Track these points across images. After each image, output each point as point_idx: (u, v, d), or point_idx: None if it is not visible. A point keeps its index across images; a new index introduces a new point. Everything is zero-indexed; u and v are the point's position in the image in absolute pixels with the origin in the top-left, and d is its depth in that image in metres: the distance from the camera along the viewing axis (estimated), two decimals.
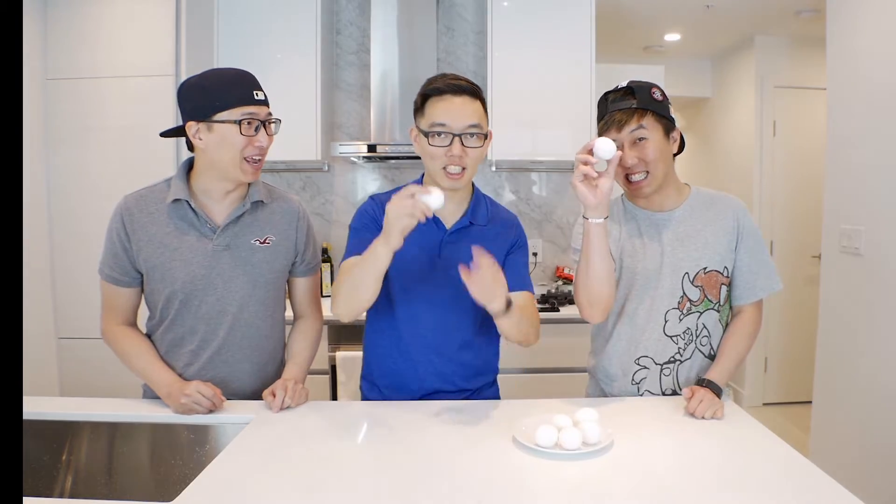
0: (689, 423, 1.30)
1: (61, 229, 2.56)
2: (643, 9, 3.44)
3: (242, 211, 1.39)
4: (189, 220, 1.37)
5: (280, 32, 2.84)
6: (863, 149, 2.38)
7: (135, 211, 1.36)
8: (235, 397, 1.44)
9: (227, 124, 1.28)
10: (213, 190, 1.38)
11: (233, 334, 1.42)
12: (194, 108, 1.30)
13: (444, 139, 1.32)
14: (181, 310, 1.39)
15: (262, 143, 1.32)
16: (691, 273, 1.45)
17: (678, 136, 1.47)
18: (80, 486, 1.33)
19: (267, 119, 1.33)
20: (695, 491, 1.01)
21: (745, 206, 1.51)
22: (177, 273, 1.36)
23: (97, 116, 2.53)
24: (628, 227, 1.51)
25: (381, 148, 2.80)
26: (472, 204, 1.46)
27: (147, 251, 1.36)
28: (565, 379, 2.60)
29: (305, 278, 1.55)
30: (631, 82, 1.43)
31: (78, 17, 2.52)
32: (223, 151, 1.30)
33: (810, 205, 3.82)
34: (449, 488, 1.02)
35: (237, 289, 1.40)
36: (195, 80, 1.32)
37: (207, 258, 1.37)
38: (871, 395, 2.29)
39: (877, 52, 2.29)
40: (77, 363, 2.54)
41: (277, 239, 1.45)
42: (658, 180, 1.43)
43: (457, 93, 1.34)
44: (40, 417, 1.33)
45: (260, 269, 1.42)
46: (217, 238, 1.37)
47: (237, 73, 1.34)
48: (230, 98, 1.28)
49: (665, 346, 1.47)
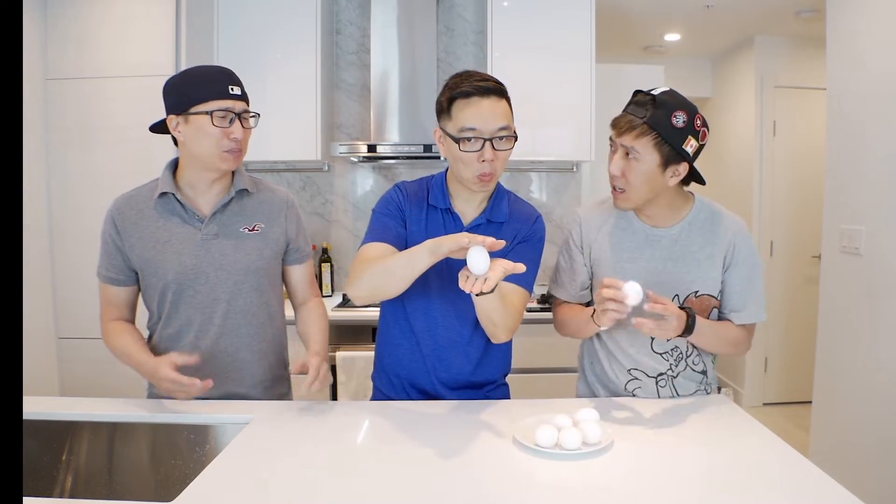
0: (689, 424, 1.30)
1: (61, 229, 2.56)
2: (643, 9, 3.44)
3: (228, 199, 1.43)
4: (177, 213, 1.41)
5: (280, 32, 2.84)
6: (863, 149, 2.38)
7: (125, 210, 1.41)
8: (241, 387, 1.46)
9: (201, 115, 1.33)
10: (198, 182, 1.42)
11: (228, 322, 1.44)
12: (174, 103, 1.36)
13: (474, 144, 1.30)
14: (175, 301, 1.41)
15: (236, 135, 1.35)
16: (681, 295, 1.40)
17: (683, 171, 1.33)
18: (80, 486, 1.33)
19: (243, 113, 1.37)
20: (695, 491, 1.01)
21: (747, 229, 1.43)
22: (169, 265, 1.39)
23: (97, 116, 2.53)
24: (622, 236, 1.44)
25: (380, 148, 2.80)
26: (491, 201, 1.44)
27: (139, 247, 1.39)
28: (565, 379, 2.59)
29: (300, 265, 1.58)
30: (663, 93, 1.30)
31: (78, 17, 2.52)
32: (200, 142, 1.35)
33: (810, 205, 3.82)
34: (449, 488, 1.02)
35: (228, 276, 1.42)
36: (177, 76, 1.38)
37: (197, 248, 1.40)
38: (871, 395, 2.29)
39: (877, 51, 2.30)
40: (77, 363, 2.54)
41: (266, 226, 1.47)
42: (633, 202, 1.37)
43: (484, 94, 1.30)
44: (40, 417, 1.33)
45: (250, 256, 1.45)
46: (205, 227, 1.41)
47: (215, 69, 1.39)
48: (205, 92, 1.33)
49: (655, 361, 1.44)
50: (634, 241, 1.44)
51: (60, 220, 2.56)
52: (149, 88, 2.52)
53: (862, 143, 2.38)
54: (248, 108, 1.39)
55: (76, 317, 2.55)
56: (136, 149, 2.51)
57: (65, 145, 2.54)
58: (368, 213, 1.63)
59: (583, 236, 1.49)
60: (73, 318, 2.55)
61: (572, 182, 3.29)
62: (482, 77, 1.32)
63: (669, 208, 1.41)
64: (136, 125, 2.51)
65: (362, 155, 2.83)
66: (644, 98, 1.31)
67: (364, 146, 2.79)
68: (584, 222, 1.50)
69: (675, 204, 1.42)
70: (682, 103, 1.29)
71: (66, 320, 2.56)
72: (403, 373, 1.48)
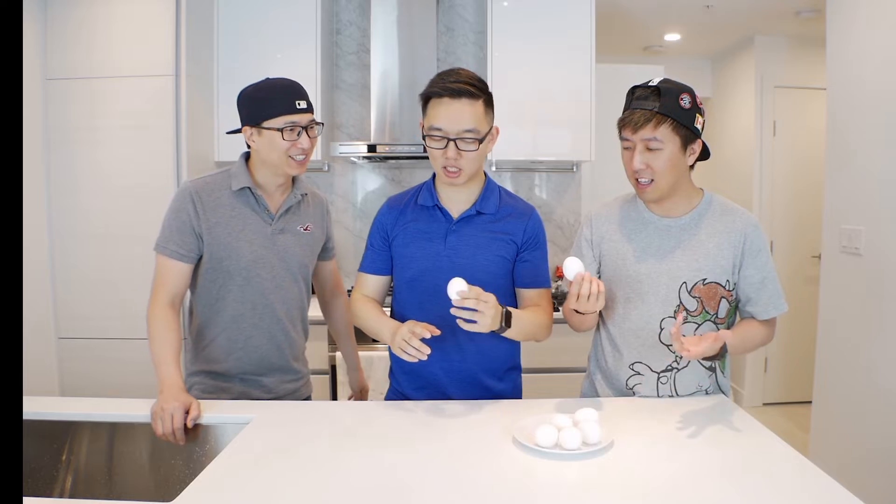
0: (688, 423, 1.30)
1: (61, 229, 2.56)
2: (643, 9, 3.44)
3: (293, 202, 1.60)
4: (251, 206, 1.55)
5: (280, 32, 2.84)
6: (863, 149, 2.38)
7: (203, 194, 1.52)
8: (273, 369, 1.60)
9: (273, 131, 1.46)
10: (267, 183, 1.57)
11: (284, 307, 1.60)
12: (247, 115, 1.49)
13: (439, 142, 1.39)
14: (244, 286, 1.54)
15: (303, 145, 1.50)
16: (689, 283, 1.42)
17: (698, 148, 1.40)
18: (80, 486, 1.33)
19: (309, 124, 1.51)
20: (694, 491, 1.01)
21: (758, 222, 1.45)
22: (242, 251, 1.53)
23: (97, 116, 2.52)
24: (632, 227, 1.48)
25: (380, 148, 2.80)
26: (481, 195, 1.50)
27: (216, 231, 1.51)
28: (565, 379, 2.60)
29: (331, 261, 1.80)
30: (662, 82, 1.36)
31: (77, 17, 2.52)
32: (271, 152, 1.49)
33: (810, 205, 3.82)
34: (449, 488, 1.02)
35: (287, 268, 1.59)
36: (250, 89, 1.51)
37: (266, 240, 1.56)
38: (871, 395, 2.29)
39: (876, 51, 2.30)
40: (77, 363, 2.54)
41: (314, 227, 1.66)
42: (662, 190, 1.40)
43: (455, 96, 1.37)
44: (40, 417, 1.33)
45: (304, 251, 1.63)
46: (274, 223, 1.57)
47: (285, 84, 1.50)
48: (275, 108, 1.46)
49: (662, 353, 1.45)
50: (644, 231, 1.47)
51: (60, 220, 2.56)
52: (149, 88, 2.54)
53: (862, 143, 2.38)
54: (314, 119, 1.53)
55: (76, 317, 2.55)
56: (137, 148, 2.52)
57: (64, 145, 2.54)
58: (369, 212, 1.66)
59: (593, 230, 1.54)
60: (73, 318, 2.55)
61: (572, 182, 3.29)
62: (458, 78, 1.39)
63: (683, 198, 1.46)
64: (136, 125, 2.52)
65: (362, 155, 2.83)
66: (645, 91, 1.36)
67: (364, 146, 2.79)
68: (594, 218, 1.55)
69: (688, 194, 1.47)
70: (683, 87, 1.37)
71: (66, 320, 2.56)
72: (406, 367, 1.49)
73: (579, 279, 1.30)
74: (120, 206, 2.52)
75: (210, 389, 1.55)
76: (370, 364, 2.53)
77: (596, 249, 1.53)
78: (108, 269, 2.53)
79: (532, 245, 1.50)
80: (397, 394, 1.58)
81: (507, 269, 1.49)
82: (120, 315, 2.48)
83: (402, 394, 1.56)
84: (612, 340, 1.51)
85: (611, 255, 1.49)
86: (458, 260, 1.46)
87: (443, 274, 1.42)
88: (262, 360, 1.58)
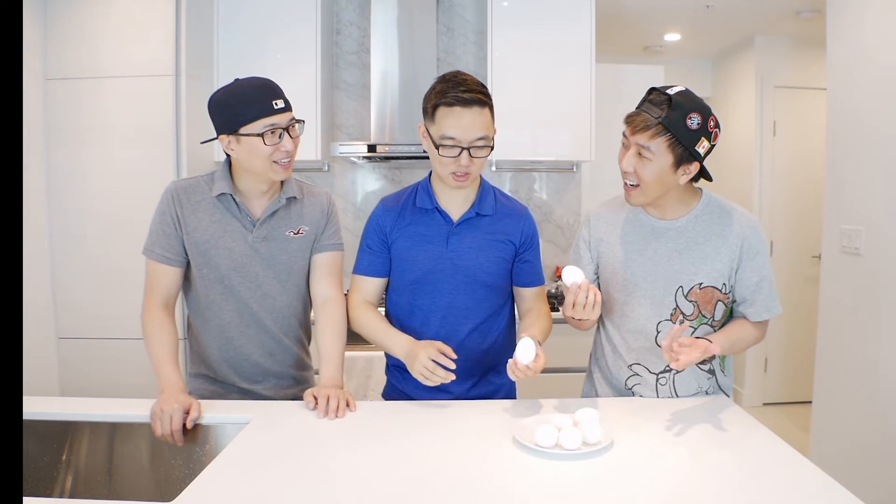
0: (688, 424, 1.30)
1: (61, 229, 2.56)
2: (643, 9, 3.44)
3: (278, 206, 1.50)
4: (232, 212, 1.48)
5: (280, 32, 2.84)
6: (863, 149, 2.38)
7: (183, 197, 1.47)
8: (269, 375, 1.55)
9: (252, 137, 1.37)
10: (251, 189, 1.48)
11: (272, 316, 1.52)
12: (222, 123, 1.39)
13: (452, 150, 1.38)
14: (226, 294, 1.49)
15: (287, 147, 1.41)
16: (686, 287, 1.41)
17: (694, 170, 1.35)
18: (80, 486, 1.33)
19: (290, 124, 1.41)
20: (694, 490, 1.01)
21: (757, 224, 1.42)
22: (221, 259, 1.47)
23: (97, 116, 2.52)
24: (629, 229, 1.47)
25: (381, 148, 2.80)
26: (478, 196, 1.51)
27: (195, 235, 1.46)
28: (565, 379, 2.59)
29: (323, 254, 1.56)
30: (679, 94, 1.30)
31: (78, 16, 2.52)
32: (253, 159, 1.40)
33: (810, 205, 3.82)
34: (449, 488, 1.02)
35: (274, 275, 1.51)
36: (220, 95, 1.40)
37: (248, 247, 1.48)
38: (871, 395, 2.29)
39: (877, 51, 2.29)
40: (77, 363, 2.54)
41: (310, 229, 1.55)
42: (647, 198, 1.38)
43: (466, 105, 1.37)
44: (40, 417, 1.33)
45: (294, 257, 1.53)
46: (255, 231, 1.48)
47: (257, 85, 1.40)
48: (251, 112, 1.36)
49: (659, 355, 1.44)
50: (641, 234, 1.46)
51: (60, 220, 2.56)
52: (149, 88, 2.54)
53: (862, 143, 2.38)
54: (294, 117, 1.42)
55: (76, 317, 2.55)
56: (137, 148, 2.52)
57: (65, 145, 2.54)
58: (369, 213, 1.64)
59: (591, 232, 1.53)
60: (73, 318, 2.55)
61: (572, 182, 3.29)
62: (467, 87, 1.37)
63: (678, 202, 1.43)
64: (136, 125, 2.52)
65: (362, 155, 2.83)
66: (660, 97, 1.31)
67: (364, 146, 2.79)
68: (593, 219, 1.54)
69: (683, 198, 1.44)
70: (698, 105, 1.30)
71: (66, 320, 2.56)
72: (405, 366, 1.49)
73: (576, 288, 1.32)
74: (120, 206, 2.52)
75: (208, 395, 1.53)
76: (370, 364, 2.53)
77: (594, 251, 1.52)
78: (107, 269, 2.52)
79: (529, 245, 1.54)
80: (395, 390, 1.59)
81: (505, 269, 1.52)
82: (120, 315, 2.47)
83: (399, 390, 1.57)
84: (610, 341, 1.51)
85: (608, 256, 1.49)
86: (460, 262, 1.48)
87: (445, 276, 1.48)
88: (255, 368, 1.53)
